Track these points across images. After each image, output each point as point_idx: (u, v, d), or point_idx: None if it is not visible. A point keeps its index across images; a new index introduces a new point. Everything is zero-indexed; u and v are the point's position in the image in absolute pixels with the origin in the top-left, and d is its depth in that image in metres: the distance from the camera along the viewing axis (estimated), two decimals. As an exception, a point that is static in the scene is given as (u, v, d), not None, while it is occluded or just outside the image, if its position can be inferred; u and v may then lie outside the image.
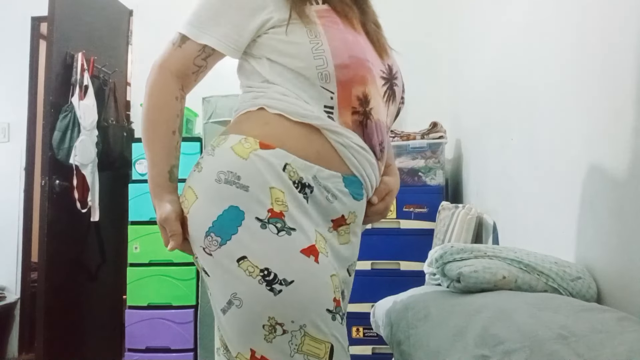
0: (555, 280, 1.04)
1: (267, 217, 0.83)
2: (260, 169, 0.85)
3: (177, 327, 2.69)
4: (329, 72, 0.88)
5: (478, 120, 2.23)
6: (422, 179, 2.50)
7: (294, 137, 0.88)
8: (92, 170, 2.72)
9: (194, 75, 0.95)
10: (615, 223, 1.01)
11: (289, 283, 0.81)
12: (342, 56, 0.89)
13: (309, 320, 0.82)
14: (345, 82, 0.89)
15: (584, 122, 1.15)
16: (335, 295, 0.86)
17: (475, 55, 2.30)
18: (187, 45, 0.93)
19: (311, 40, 0.89)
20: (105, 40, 3.10)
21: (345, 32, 0.93)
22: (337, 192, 0.90)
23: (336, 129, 0.89)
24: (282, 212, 0.84)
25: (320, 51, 0.89)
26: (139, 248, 2.72)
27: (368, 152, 0.93)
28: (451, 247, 1.13)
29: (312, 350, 0.83)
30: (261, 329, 0.82)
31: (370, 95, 0.92)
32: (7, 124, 3.34)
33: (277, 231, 0.83)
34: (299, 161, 0.87)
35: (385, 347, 2.25)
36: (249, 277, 0.82)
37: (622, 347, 0.69)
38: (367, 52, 0.94)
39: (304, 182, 0.87)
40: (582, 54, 1.17)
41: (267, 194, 0.84)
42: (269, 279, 0.81)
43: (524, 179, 1.56)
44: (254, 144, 0.87)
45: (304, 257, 0.84)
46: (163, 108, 0.93)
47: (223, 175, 0.86)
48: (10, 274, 3.24)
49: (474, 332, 0.87)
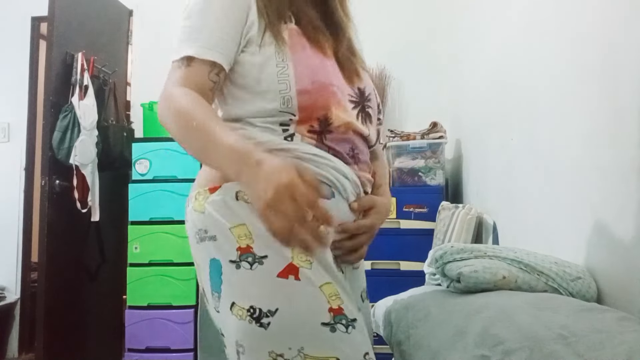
0: (555, 280, 1.04)
1: (238, 256, 0.84)
2: (216, 214, 0.86)
3: (177, 327, 2.69)
4: (290, 96, 0.88)
5: (478, 120, 2.23)
6: (422, 179, 2.50)
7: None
8: (92, 170, 2.72)
9: (210, 92, 0.89)
10: (615, 223, 1.01)
11: (274, 312, 0.81)
12: (305, 81, 0.88)
13: (305, 341, 0.81)
14: (305, 107, 0.89)
15: (584, 122, 1.15)
16: (332, 305, 0.83)
17: (475, 55, 2.30)
18: (195, 64, 0.87)
19: (277, 64, 0.88)
20: (105, 40, 3.10)
21: (312, 57, 0.92)
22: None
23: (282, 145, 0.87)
24: (249, 245, 0.84)
25: (284, 75, 0.88)
26: (139, 248, 2.72)
27: (327, 158, 0.90)
28: (451, 247, 1.13)
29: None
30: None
31: (331, 118, 0.90)
32: (7, 124, 3.34)
33: (249, 266, 0.83)
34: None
35: (385, 347, 2.24)
36: (240, 320, 0.82)
37: (622, 347, 0.70)
38: (332, 77, 0.93)
39: None
40: (582, 54, 1.17)
41: (230, 235, 0.85)
42: (256, 316, 0.81)
43: (524, 179, 1.56)
44: (205, 193, 0.89)
45: (282, 280, 0.82)
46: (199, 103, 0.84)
47: (198, 235, 0.89)
48: (10, 274, 3.24)
49: (474, 332, 0.87)
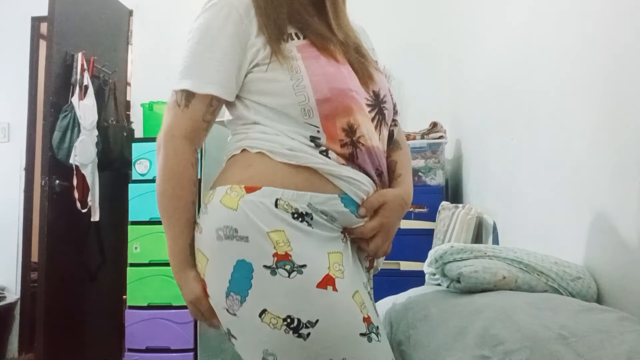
0: (555, 280, 1.04)
1: (274, 262, 0.81)
2: (252, 215, 0.83)
3: (177, 327, 2.69)
4: (310, 107, 0.87)
5: (478, 120, 2.23)
6: (422, 179, 2.50)
7: (279, 172, 0.86)
8: (92, 170, 2.72)
9: (204, 132, 0.94)
10: (615, 223, 1.01)
11: (315, 323, 0.79)
12: (323, 90, 0.88)
13: (347, 353, 0.80)
14: (327, 116, 0.88)
15: (584, 122, 1.15)
16: (364, 314, 0.84)
17: (475, 56, 2.30)
18: (194, 103, 0.90)
19: (292, 77, 0.88)
20: (105, 40, 3.10)
21: (327, 65, 0.91)
22: (336, 214, 0.88)
23: (322, 165, 0.87)
24: (287, 252, 0.81)
25: (301, 87, 0.87)
26: (139, 248, 2.72)
27: (361, 182, 0.90)
28: (451, 247, 1.13)
29: None
30: None
31: (356, 124, 0.90)
32: (7, 124, 3.34)
33: (287, 274, 0.81)
34: (288, 193, 0.84)
35: (385, 347, 2.24)
36: (274, 329, 0.79)
37: (622, 347, 0.70)
38: (350, 82, 0.93)
39: (301, 211, 0.84)
40: (582, 54, 1.17)
41: (267, 240, 0.82)
42: (293, 326, 0.79)
43: (524, 179, 1.56)
44: (240, 190, 0.85)
45: (322, 291, 0.81)
46: (182, 182, 0.90)
47: (222, 232, 0.85)
48: (10, 274, 3.24)
49: (474, 332, 0.87)
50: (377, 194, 0.93)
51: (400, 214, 0.97)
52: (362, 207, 0.91)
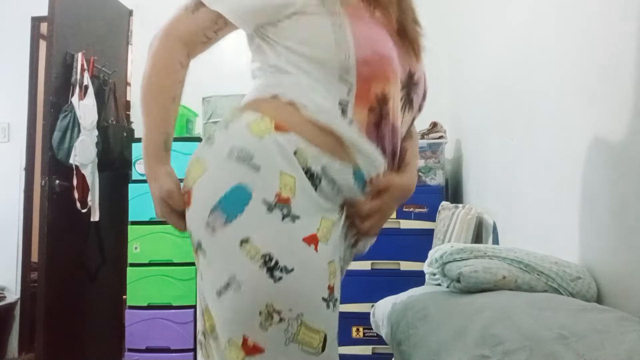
0: (555, 280, 1.04)
1: (274, 202, 0.82)
2: (273, 151, 0.83)
3: (177, 327, 2.69)
4: (350, 65, 0.86)
5: (478, 120, 2.23)
6: (422, 179, 2.50)
7: (307, 126, 0.85)
8: (92, 170, 2.72)
9: (201, 46, 0.93)
10: (615, 223, 1.01)
11: (290, 271, 0.80)
12: (365, 51, 0.86)
13: (307, 309, 0.81)
14: (365, 78, 0.86)
15: (584, 122, 1.15)
16: (330, 283, 0.85)
17: (475, 56, 2.30)
18: (201, 12, 0.90)
19: (335, 31, 0.86)
20: (105, 40, 3.10)
21: (373, 27, 0.89)
22: (343, 186, 0.88)
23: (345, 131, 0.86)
24: (289, 198, 0.82)
25: (344, 42, 0.86)
26: (139, 248, 2.71)
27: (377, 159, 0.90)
28: (451, 247, 1.13)
29: (307, 340, 0.81)
30: (257, 316, 0.80)
31: (389, 95, 0.89)
32: (7, 124, 3.34)
33: (282, 217, 0.82)
34: (310, 148, 0.84)
35: (385, 347, 2.25)
36: (251, 260, 0.80)
37: (622, 347, 0.70)
38: (393, 51, 0.90)
39: (312, 171, 0.85)
40: (582, 54, 1.17)
41: (276, 178, 0.82)
42: (270, 265, 0.80)
43: (524, 179, 1.56)
44: (270, 124, 0.84)
45: (305, 245, 0.82)
46: (167, 75, 0.91)
47: (236, 152, 0.84)
48: (10, 274, 3.24)
49: (474, 332, 0.87)
50: (386, 177, 0.93)
51: (400, 201, 0.98)
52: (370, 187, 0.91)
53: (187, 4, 0.91)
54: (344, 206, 0.91)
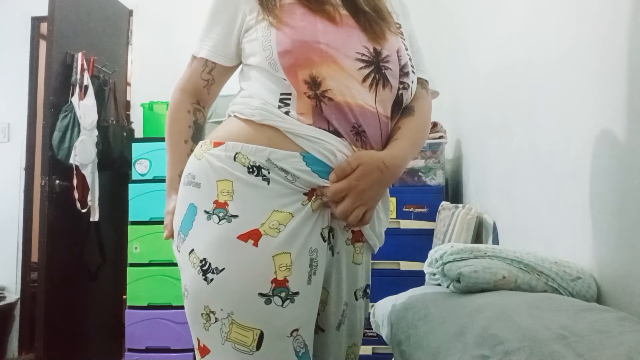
0: (555, 280, 1.04)
1: (212, 209, 0.88)
2: (208, 165, 0.91)
3: (177, 327, 2.69)
4: (274, 60, 0.92)
5: (478, 120, 2.23)
6: (422, 179, 2.49)
7: (244, 130, 0.92)
8: (92, 170, 2.72)
9: (205, 90, 1.06)
10: (615, 223, 1.01)
11: (220, 271, 0.84)
12: (284, 42, 0.91)
13: (237, 308, 0.83)
14: (289, 67, 0.91)
15: (584, 122, 1.15)
16: (277, 275, 0.83)
17: (475, 55, 2.30)
18: (194, 63, 1.05)
19: (263, 34, 0.94)
20: (105, 40, 3.10)
21: (301, 20, 0.92)
22: (297, 172, 0.87)
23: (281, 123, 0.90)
24: (226, 201, 0.87)
25: (267, 42, 0.93)
26: (139, 248, 2.72)
27: (326, 140, 0.88)
28: (451, 247, 1.13)
29: (239, 338, 0.82)
30: (201, 318, 0.86)
31: (320, 77, 0.89)
32: (7, 124, 3.34)
33: (218, 220, 0.86)
34: (248, 147, 0.89)
35: (385, 347, 2.25)
36: (193, 268, 0.87)
37: (622, 347, 0.69)
38: (321, 35, 0.90)
39: (257, 164, 0.88)
40: (582, 54, 1.17)
41: (214, 187, 0.89)
42: (204, 268, 0.85)
43: (524, 179, 1.56)
44: (209, 145, 0.93)
45: (241, 242, 0.84)
46: (176, 121, 1.05)
47: (186, 178, 0.94)
48: (10, 274, 3.24)
49: (474, 332, 0.87)
50: (352, 157, 0.90)
51: (377, 178, 0.90)
52: (333, 172, 0.89)
53: (189, 62, 1.07)
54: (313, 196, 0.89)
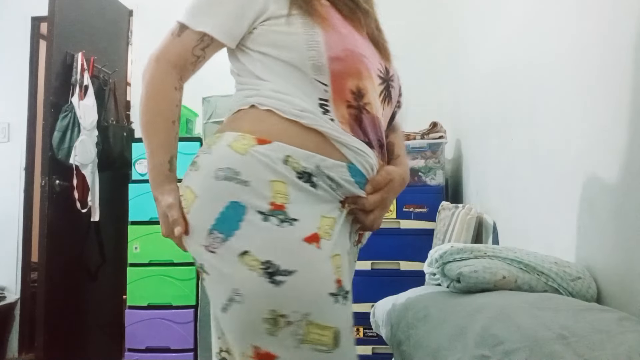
0: (555, 280, 1.04)
1: (269, 210, 0.82)
2: (259, 163, 0.84)
3: (177, 327, 2.69)
4: (322, 63, 0.88)
5: (478, 120, 2.23)
6: (422, 179, 2.50)
7: (290, 132, 0.87)
8: (92, 170, 2.72)
9: (191, 66, 0.96)
10: (615, 223, 1.01)
11: (291, 273, 0.80)
12: (336, 48, 0.89)
13: (313, 308, 0.81)
14: (338, 75, 0.88)
15: (584, 122, 1.15)
16: (337, 276, 0.85)
17: (475, 55, 2.30)
18: (185, 34, 0.93)
19: (306, 32, 0.89)
20: (105, 40, 3.10)
21: (342, 27, 0.93)
22: (341, 181, 0.88)
23: (330, 130, 0.88)
24: (284, 204, 0.83)
25: (314, 42, 0.88)
26: (139, 248, 2.72)
27: (367, 153, 0.91)
28: (451, 247, 1.13)
29: (317, 338, 0.81)
30: (263, 323, 0.80)
31: (365, 89, 0.91)
32: (7, 124, 3.34)
33: (279, 222, 0.82)
34: (299, 152, 0.85)
35: (385, 347, 2.25)
36: (250, 271, 0.80)
37: (622, 347, 0.70)
38: (363, 48, 0.94)
39: (307, 171, 0.85)
40: (582, 54, 1.17)
41: (268, 188, 0.83)
42: (270, 271, 0.80)
43: (524, 179, 1.56)
44: (251, 140, 0.86)
45: (306, 245, 0.83)
46: (163, 99, 0.94)
47: (222, 172, 0.85)
48: (10, 274, 3.24)
49: (474, 332, 0.87)
50: (384, 172, 0.95)
51: (398, 192, 1.01)
52: (369, 184, 0.93)
53: (173, 30, 0.95)
54: (345, 203, 0.91)
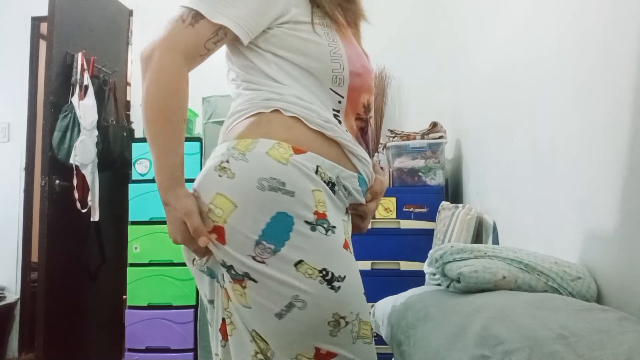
0: (555, 280, 1.04)
1: (314, 220, 0.86)
2: (301, 173, 0.87)
3: (177, 327, 2.69)
4: (344, 76, 0.92)
5: (478, 120, 2.23)
6: (422, 179, 2.50)
7: (318, 142, 0.91)
8: (92, 170, 2.72)
9: (200, 59, 0.91)
10: (615, 223, 1.01)
11: (344, 279, 0.87)
12: (356, 64, 0.94)
13: (361, 308, 0.90)
14: (355, 88, 0.94)
15: (584, 122, 1.15)
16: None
17: (475, 56, 2.30)
18: (201, 25, 0.87)
19: (330, 43, 0.92)
20: (105, 40, 3.10)
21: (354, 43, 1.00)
22: (353, 191, 0.96)
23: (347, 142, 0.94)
24: (325, 212, 0.88)
25: (337, 55, 0.92)
26: (139, 248, 2.72)
27: (368, 161, 0.99)
28: (451, 247, 1.13)
29: (365, 333, 0.90)
30: (327, 326, 0.86)
31: (371, 104, 0.99)
32: (7, 124, 3.34)
33: (325, 232, 0.87)
34: (327, 162, 0.91)
35: (385, 347, 2.24)
36: (309, 279, 0.84)
37: (622, 347, 0.69)
38: (368, 63, 1.02)
39: (332, 181, 0.92)
40: (582, 54, 1.17)
41: (311, 197, 0.86)
42: (328, 278, 0.85)
43: (524, 179, 1.56)
44: (288, 149, 0.87)
45: (346, 251, 0.90)
46: (176, 94, 0.87)
47: (266, 182, 0.84)
48: (10, 274, 3.24)
49: (474, 332, 0.87)
50: (379, 182, 1.06)
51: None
52: (369, 192, 1.03)
53: (184, 16, 0.88)
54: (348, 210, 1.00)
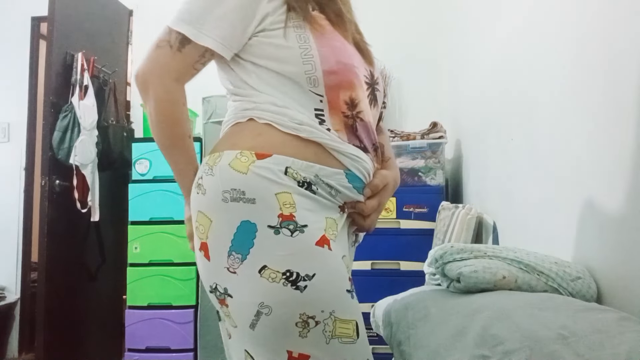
0: (555, 280, 1.04)
1: (279, 222, 0.85)
2: (261, 178, 0.86)
3: (177, 327, 2.69)
4: (317, 77, 0.90)
5: (478, 120, 2.23)
6: (422, 179, 2.50)
7: (290, 144, 0.89)
8: (92, 170, 2.73)
9: (190, 77, 0.95)
10: (615, 223, 1.01)
11: (312, 277, 0.84)
12: (330, 62, 0.91)
13: (336, 306, 0.86)
14: (332, 87, 0.91)
15: (584, 121, 1.15)
16: (348, 275, 0.92)
17: (475, 55, 2.30)
18: (188, 50, 0.90)
19: (300, 45, 0.91)
20: (105, 40, 3.10)
21: (333, 39, 0.95)
22: (340, 188, 0.92)
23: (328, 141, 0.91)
24: (292, 214, 0.86)
25: (309, 56, 0.90)
26: (139, 248, 2.72)
27: (362, 159, 0.95)
28: (451, 247, 1.13)
29: (344, 332, 0.86)
30: (294, 328, 0.84)
31: (357, 99, 0.95)
32: (7, 124, 3.34)
33: (290, 233, 0.85)
34: (298, 162, 0.88)
35: (385, 347, 2.24)
36: (273, 283, 0.83)
37: (622, 347, 0.69)
38: (354, 58, 0.97)
39: (307, 180, 0.89)
40: (583, 54, 1.17)
41: (274, 201, 0.86)
42: (292, 279, 0.83)
43: (524, 179, 1.56)
44: (250, 156, 0.88)
45: (319, 248, 0.86)
46: (177, 123, 0.94)
47: (228, 194, 0.87)
48: (10, 274, 3.24)
49: (474, 332, 0.87)
50: (380, 176, 1.00)
51: (392, 194, 1.06)
52: (367, 187, 0.97)
53: (170, 41, 0.91)
54: (345, 208, 0.96)
